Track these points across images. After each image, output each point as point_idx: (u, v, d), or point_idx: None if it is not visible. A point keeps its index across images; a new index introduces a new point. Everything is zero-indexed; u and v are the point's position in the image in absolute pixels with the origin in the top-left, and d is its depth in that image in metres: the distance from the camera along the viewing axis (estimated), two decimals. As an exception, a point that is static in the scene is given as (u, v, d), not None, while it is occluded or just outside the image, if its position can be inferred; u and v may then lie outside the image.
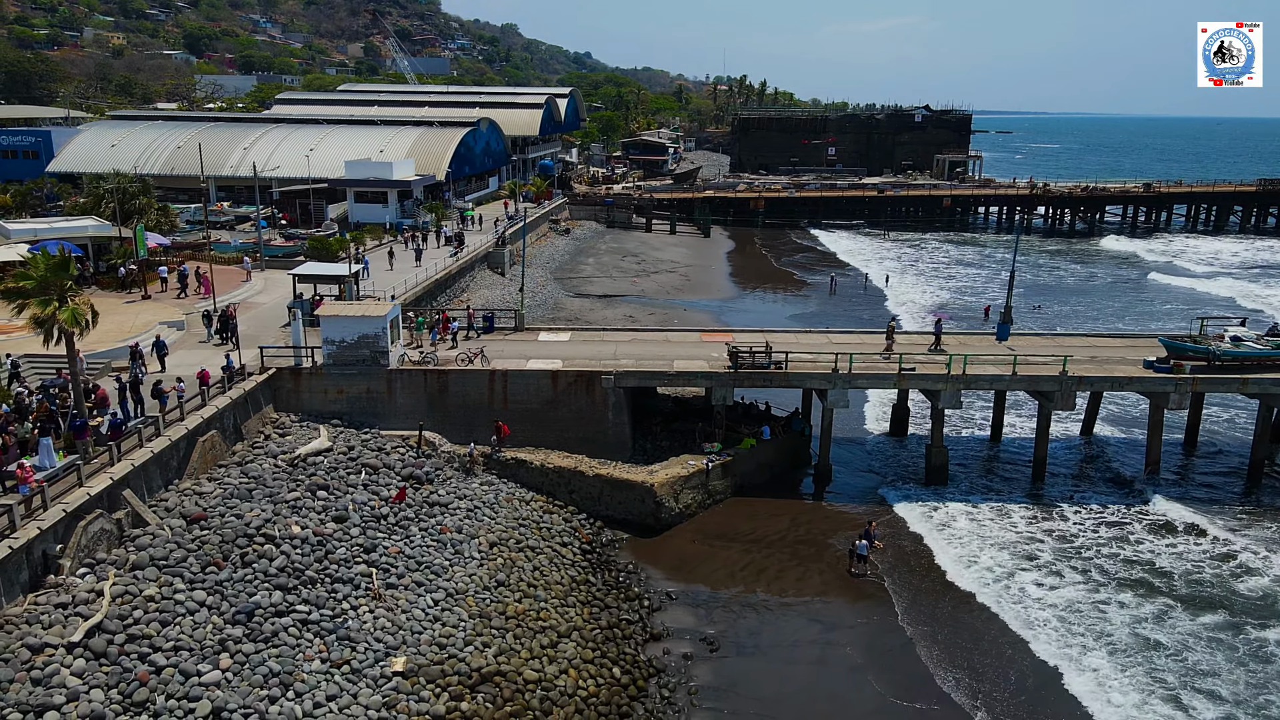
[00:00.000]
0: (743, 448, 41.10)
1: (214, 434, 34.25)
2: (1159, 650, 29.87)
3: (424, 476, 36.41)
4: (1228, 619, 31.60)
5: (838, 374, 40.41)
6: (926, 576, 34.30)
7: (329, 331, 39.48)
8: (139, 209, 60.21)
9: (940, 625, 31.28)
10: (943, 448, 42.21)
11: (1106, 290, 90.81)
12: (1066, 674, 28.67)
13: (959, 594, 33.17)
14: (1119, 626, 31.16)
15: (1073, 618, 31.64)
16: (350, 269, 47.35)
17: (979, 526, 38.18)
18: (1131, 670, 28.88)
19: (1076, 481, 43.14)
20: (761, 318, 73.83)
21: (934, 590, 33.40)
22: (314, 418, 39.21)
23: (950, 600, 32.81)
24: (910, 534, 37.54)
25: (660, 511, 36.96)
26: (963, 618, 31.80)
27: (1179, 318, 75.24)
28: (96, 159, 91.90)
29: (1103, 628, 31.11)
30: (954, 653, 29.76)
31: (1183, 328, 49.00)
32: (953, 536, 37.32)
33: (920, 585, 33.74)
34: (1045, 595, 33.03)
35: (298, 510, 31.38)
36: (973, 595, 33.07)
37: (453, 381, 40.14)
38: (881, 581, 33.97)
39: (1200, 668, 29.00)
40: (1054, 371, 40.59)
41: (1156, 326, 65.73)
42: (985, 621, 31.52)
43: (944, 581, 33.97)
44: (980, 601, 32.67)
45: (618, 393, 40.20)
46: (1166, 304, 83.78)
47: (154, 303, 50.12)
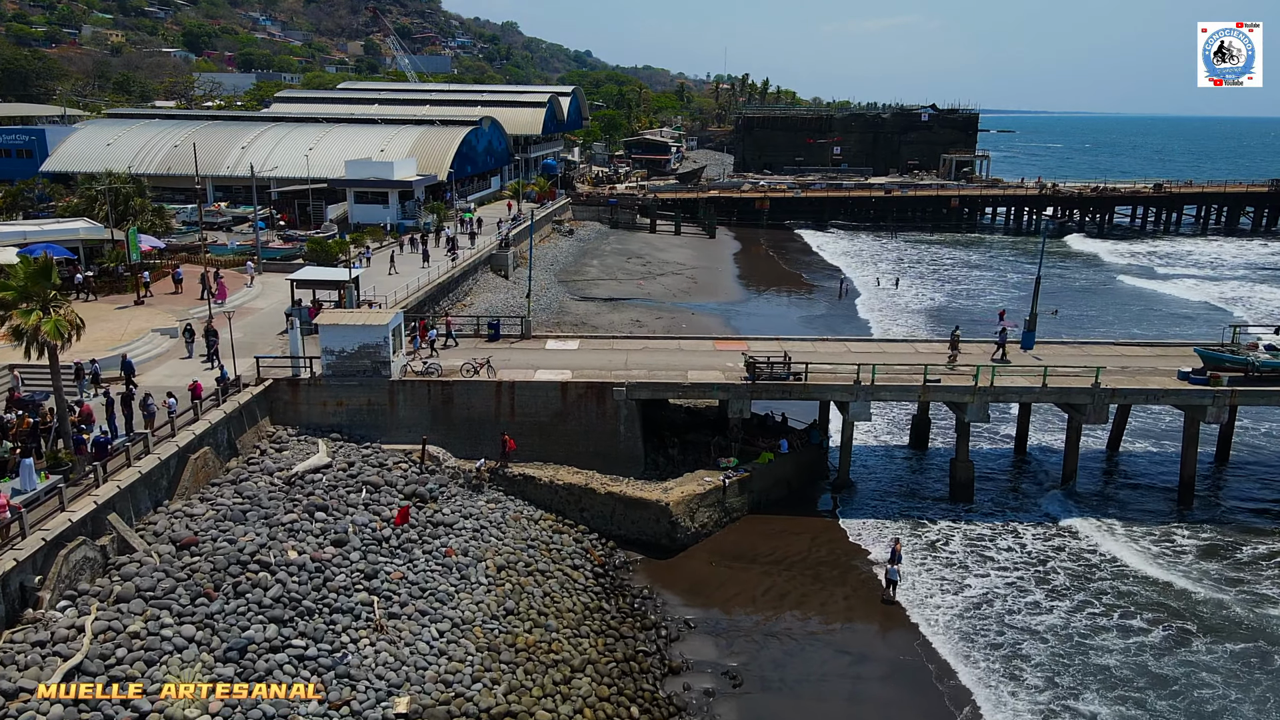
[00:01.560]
0: (760, 462, 39.34)
1: (206, 450, 32.48)
2: (1208, 687, 28.17)
3: (428, 494, 34.66)
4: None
5: (859, 385, 38.65)
6: (959, 603, 32.52)
7: (328, 341, 37.72)
8: (133, 210, 58.51)
9: (977, 658, 29.50)
10: (968, 463, 40.45)
11: (1077, 294, 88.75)
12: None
13: (993, 622, 31.40)
14: (1164, 658, 29.46)
15: (1111, 645, 29.92)
16: (350, 274, 45.50)
17: (1009, 547, 36.44)
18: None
19: (1107, 498, 41.33)
20: (772, 322, 72.14)
21: (968, 619, 31.62)
22: (312, 431, 37.47)
23: (985, 629, 31.03)
24: (937, 555, 35.78)
25: (676, 532, 35.20)
26: (998, 649, 30.02)
27: (1160, 322, 73.58)
28: (91, 158, 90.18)
29: (1146, 662, 29.39)
30: (996, 689, 27.98)
31: (1149, 334, 47.06)
32: (982, 558, 35.57)
33: (953, 613, 31.95)
34: (1083, 624, 31.28)
35: (294, 534, 29.63)
36: (1006, 621, 31.32)
37: (458, 393, 38.39)
38: (912, 609, 32.18)
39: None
40: (1086, 383, 38.82)
41: (1140, 332, 63.88)
42: (1022, 652, 29.76)
43: (977, 609, 32.21)
44: (1017, 630, 30.93)
45: (629, 405, 38.45)
46: (1136, 308, 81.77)
47: (148, 308, 48.33)
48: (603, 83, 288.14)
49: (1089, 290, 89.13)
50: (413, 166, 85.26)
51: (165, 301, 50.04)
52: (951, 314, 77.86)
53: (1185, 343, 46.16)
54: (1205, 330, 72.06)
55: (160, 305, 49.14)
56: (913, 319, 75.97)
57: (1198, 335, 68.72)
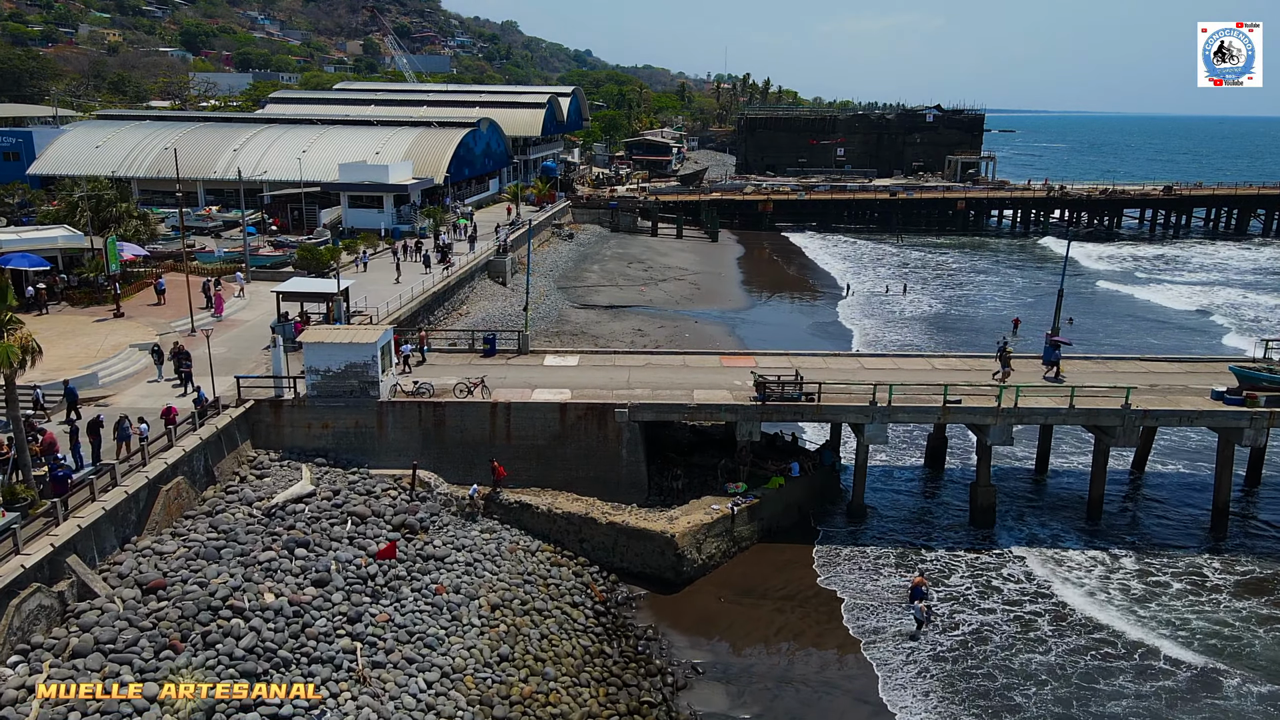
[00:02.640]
0: (770, 487, 37.19)
1: (180, 480, 30.33)
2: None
3: (418, 524, 32.53)
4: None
5: (876, 406, 36.50)
6: (986, 647, 30.38)
7: (313, 359, 35.57)
8: (115, 217, 56.37)
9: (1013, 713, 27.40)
10: (990, 487, 38.32)
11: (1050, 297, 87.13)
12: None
13: (1027, 670, 29.27)
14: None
15: (1161, 691, 27.81)
16: (339, 285, 43.31)
17: (1035, 579, 34.28)
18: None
19: (1135, 525, 39.17)
20: (778, 332, 70.04)
21: (999, 666, 29.48)
22: (296, 455, 35.33)
23: (1022, 681, 28.89)
24: (960, 590, 33.63)
25: (682, 564, 33.03)
26: (1034, 705, 27.89)
27: (1145, 331, 71.19)
28: (80, 161, 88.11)
29: (1161, 711, 27.27)
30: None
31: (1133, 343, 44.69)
32: (1011, 588, 33.43)
33: (981, 660, 29.82)
34: (1123, 666, 29.18)
35: (272, 573, 27.46)
36: (1042, 666, 29.20)
37: (450, 415, 36.24)
38: (937, 648, 30.05)
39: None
40: (1115, 404, 36.67)
41: (1122, 344, 61.54)
42: (1059, 706, 27.66)
43: (1010, 653, 30.07)
44: (1048, 673, 28.81)
45: (632, 428, 36.31)
46: (1120, 315, 79.60)
47: (128, 321, 46.15)
48: (603, 82, 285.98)
49: (1073, 297, 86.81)
50: (409, 169, 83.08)
51: (147, 313, 47.86)
52: (954, 321, 75.90)
53: (1216, 358, 44.12)
54: (1187, 338, 69.98)
55: (142, 318, 46.97)
56: (916, 326, 73.85)
57: (1178, 342, 66.67)
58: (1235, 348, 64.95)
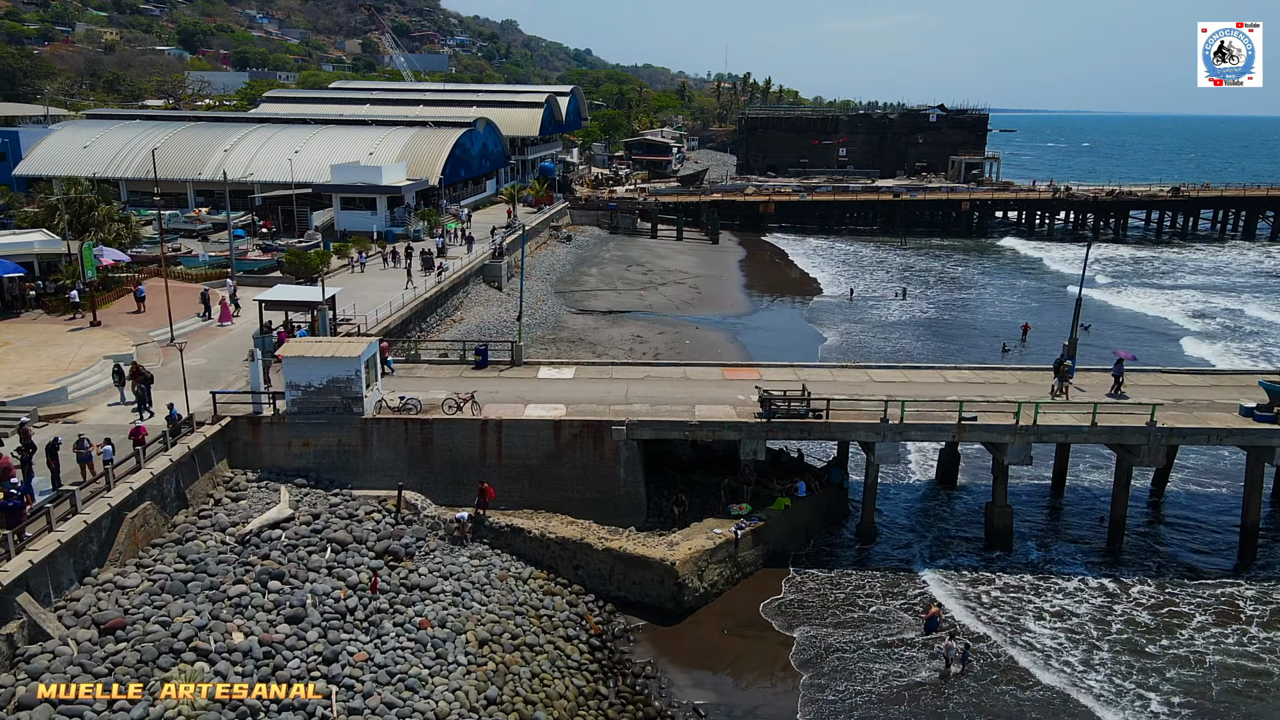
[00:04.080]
0: (775, 509, 35.30)
1: (148, 506, 28.43)
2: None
3: (402, 550, 30.65)
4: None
5: (887, 424, 34.60)
6: (1013, 685, 28.50)
7: (292, 375, 33.66)
8: (96, 221, 54.46)
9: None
10: (1007, 508, 36.42)
11: (1023, 299, 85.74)
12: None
13: (1055, 704, 27.42)
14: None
15: None
16: (323, 294, 41.37)
17: (1060, 609, 32.39)
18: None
19: (1159, 548, 37.20)
20: (781, 338, 68.18)
21: (1038, 701, 27.60)
22: (275, 475, 33.43)
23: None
24: (981, 616, 31.74)
25: (682, 594, 31.11)
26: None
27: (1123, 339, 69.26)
28: (67, 161, 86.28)
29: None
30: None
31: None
32: (1041, 616, 31.55)
33: (1011, 699, 27.94)
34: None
35: (242, 609, 25.60)
36: (1068, 700, 27.37)
37: (438, 432, 34.34)
38: (962, 685, 28.17)
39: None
40: (1139, 421, 34.78)
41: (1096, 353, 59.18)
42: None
43: (1038, 690, 28.21)
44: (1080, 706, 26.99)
45: (630, 446, 34.41)
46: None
47: (104, 330, 44.24)
48: (603, 82, 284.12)
49: (1047, 300, 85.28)
50: (403, 170, 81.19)
51: (126, 322, 45.98)
52: (957, 327, 74.01)
53: (1240, 371, 42.13)
54: (1163, 344, 67.93)
55: (120, 326, 45.06)
56: (920, 331, 71.95)
57: (1153, 348, 64.27)
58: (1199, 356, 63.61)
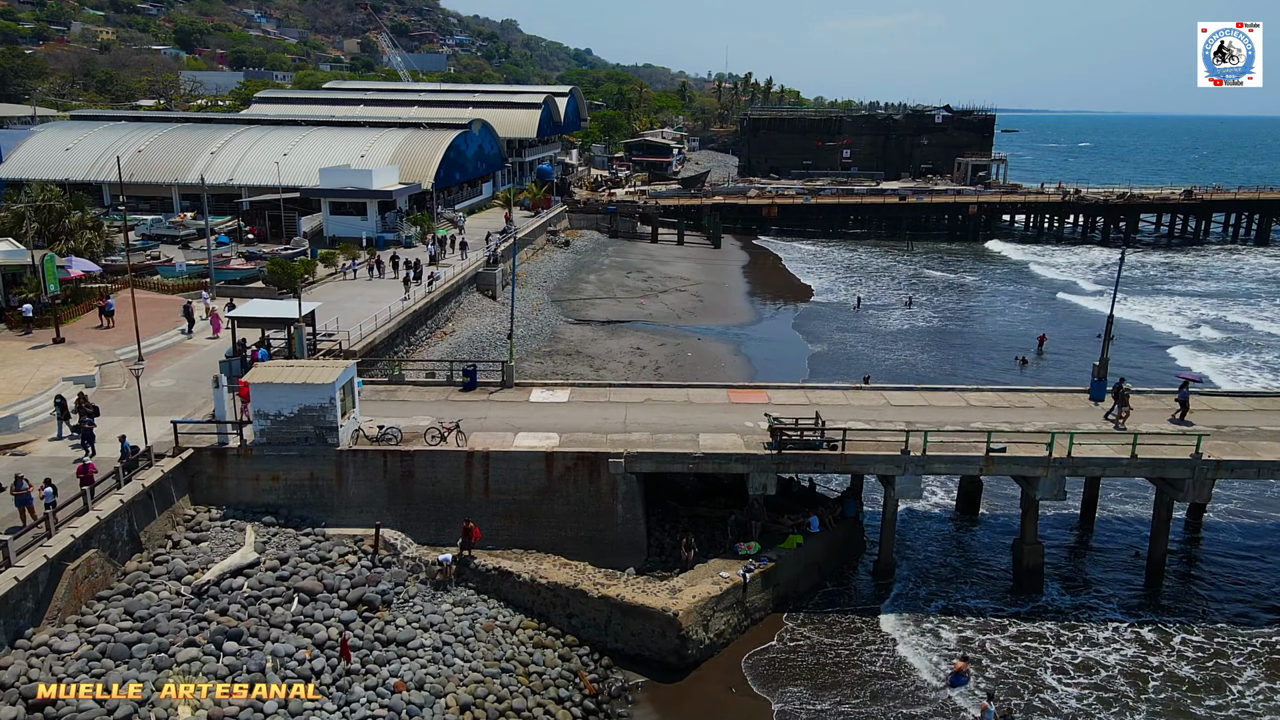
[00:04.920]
0: (787, 547, 32.48)
1: (93, 555, 25.64)
2: None
3: (379, 598, 27.89)
4: None
5: (909, 456, 31.79)
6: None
7: (261, 403, 30.86)
8: (67, 229, 51.67)
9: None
10: (1037, 544, 33.60)
11: (1004, 305, 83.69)
12: None
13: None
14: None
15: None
16: (300, 309, 38.49)
17: (1089, 661, 29.58)
18: None
19: (1201, 590, 34.24)
20: (787, 349, 65.39)
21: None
22: (242, 512, 30.66)
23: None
24: (1012, 669, 28.95)
25: (686, 647, 28.30)
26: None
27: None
28: (48, 164, 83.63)
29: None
30: None
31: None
32: (1066, 670, 28.76)
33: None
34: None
35: (192, 675, 22.81)
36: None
37: (420, 465, 31.54)
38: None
39: None
40: (1184, 453, 31.96)
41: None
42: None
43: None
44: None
45: (629, 480, 31.62)
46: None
47: (67, 348, 41.44)
48: (603, 81, 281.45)
49: (1041, 309, 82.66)
50: (395, 174, 78.37)
51: (92, 338, 43.20)
52: (968, 338, 71.17)
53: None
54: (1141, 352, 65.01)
55: (85, 343, 42.29)
56: (930, 342, 69.14)
57: (1132, 358, 61.15)
58: (1184, 365, 60.95)
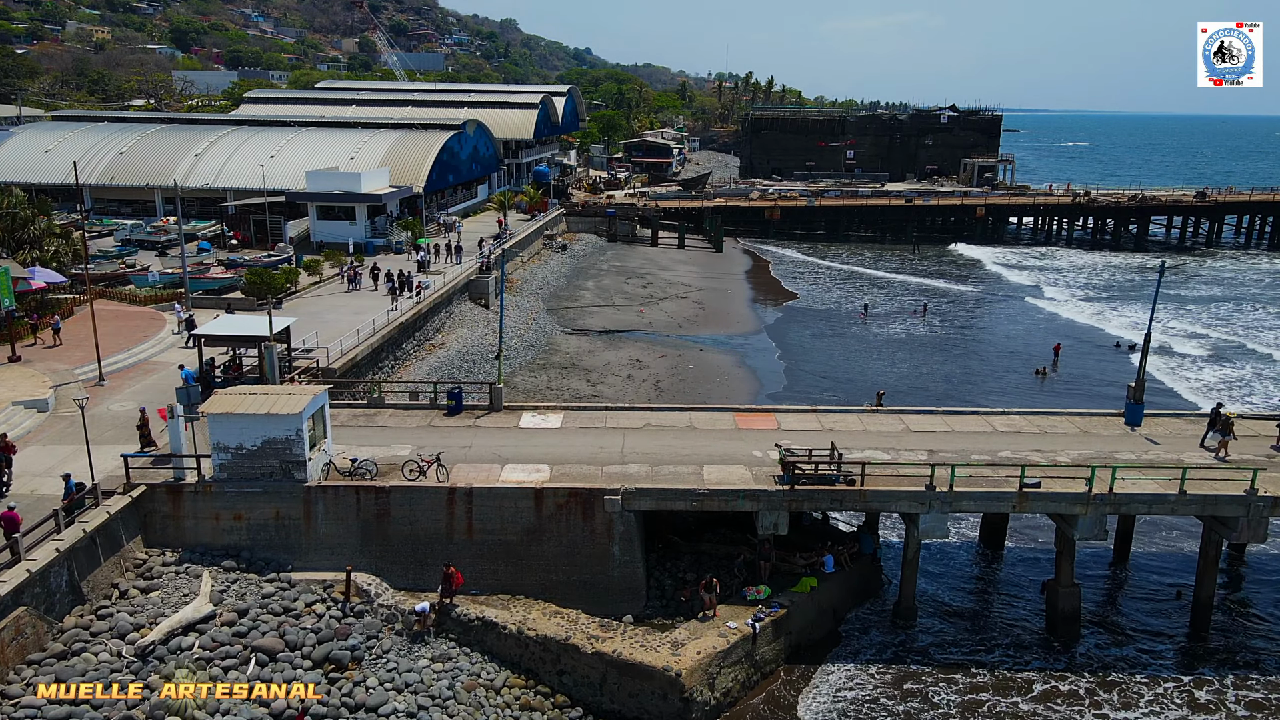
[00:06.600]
0: (800, 590, 29.62)
1: (21, 614, 22.75)
2: None
3: (348, 655, 25.04)
4: None
5: (934, 492, 28.91)
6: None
7: (221, 435, 27.97)
8: (31, 237, 48.80)
9: None
10: (1074, 587, 30.69)
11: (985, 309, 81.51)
12: None
13: None
14: None
15: None
16: (270, 327, 35.57)
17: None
18: None
19: (1251, 638, 31.40)
20: (793, 360, 62.44)
21: None
22: (200, 555, 27.79)
23: None
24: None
25: (690, 711, 25.37)
26: None
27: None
28: (27, 166, 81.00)
29: None
30: None
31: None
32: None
33: None
34: None
35: (125, 762, 19.97)
36: None
37: (397, 503, 28.65)
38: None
39: None
40: (1237, 489, 29.07)
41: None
42: None
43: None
44: None
45: (627, 519, 28.74)
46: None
47: (22, 368, 38.55)
48: (602, 81, 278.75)
49: (1014, 317, 79.84)
50: (385, 177, 75.57)
51: (49, 357, 40.31)
52: (983, 348, 68.26)
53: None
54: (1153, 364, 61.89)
55: (42, 362, 39.41)
56: (943, 353, 66.24)
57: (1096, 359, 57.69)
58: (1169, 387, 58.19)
